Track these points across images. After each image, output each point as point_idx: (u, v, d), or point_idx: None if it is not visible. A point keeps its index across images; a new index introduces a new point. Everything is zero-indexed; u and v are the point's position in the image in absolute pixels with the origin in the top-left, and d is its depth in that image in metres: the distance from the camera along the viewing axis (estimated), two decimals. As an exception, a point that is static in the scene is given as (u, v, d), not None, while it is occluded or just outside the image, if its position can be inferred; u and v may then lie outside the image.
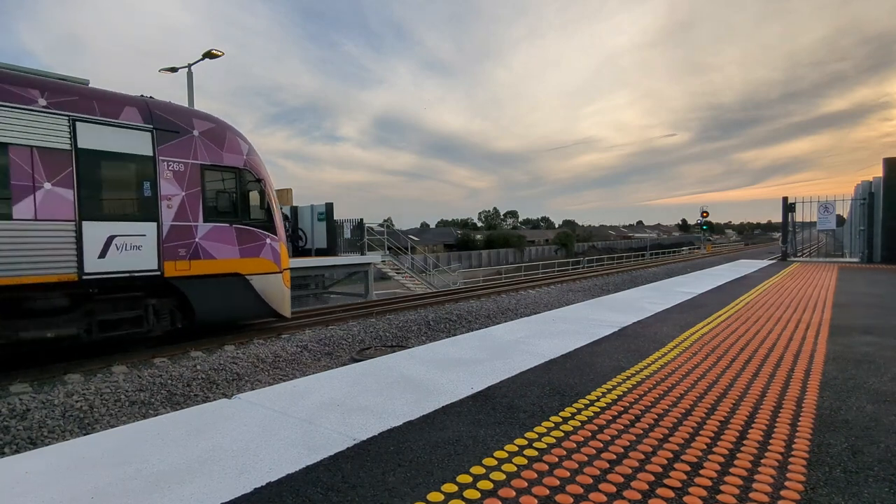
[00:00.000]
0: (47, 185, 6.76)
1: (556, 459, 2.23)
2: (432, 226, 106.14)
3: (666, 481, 2.01)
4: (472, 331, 6.59)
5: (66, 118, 6.97)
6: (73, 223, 6.99)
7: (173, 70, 17.86)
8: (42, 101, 6.79)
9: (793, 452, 2.25)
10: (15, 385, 6.59)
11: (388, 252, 20.60)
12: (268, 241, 9.22)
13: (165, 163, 7.91)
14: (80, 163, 7.07)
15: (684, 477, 2.04)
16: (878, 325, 5.24)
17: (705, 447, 2.32)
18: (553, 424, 2.62)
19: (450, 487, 1.99)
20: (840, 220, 17.97)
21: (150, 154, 7.77)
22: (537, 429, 2.56)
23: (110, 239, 7.33)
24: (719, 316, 5.88)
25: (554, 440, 2.43)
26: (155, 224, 7.77)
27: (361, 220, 19.89)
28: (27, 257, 6.59)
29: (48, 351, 7.49)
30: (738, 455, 2.24)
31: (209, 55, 17.02)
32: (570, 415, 2.76)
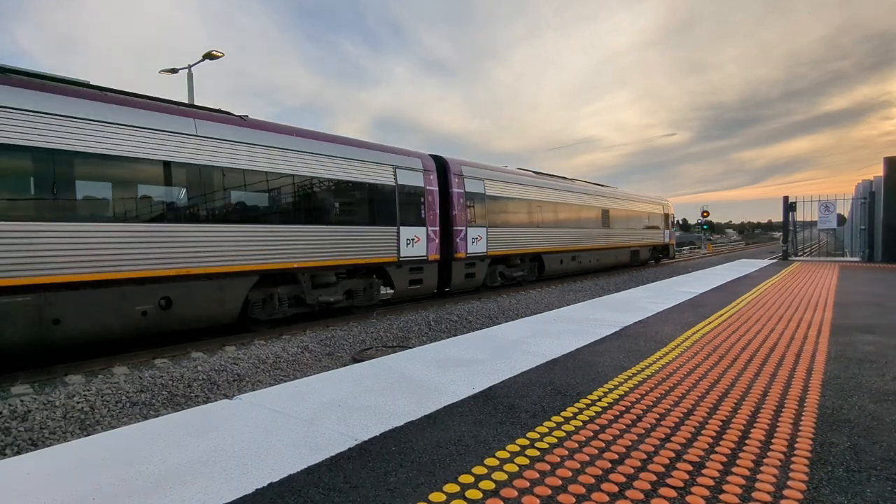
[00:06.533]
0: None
1: (558, 459, 2.22)
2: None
3: (668, 481, 2.01)
4: (473, 331, 6.58)
5: (599, 202, 21.08)
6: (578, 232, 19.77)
7: (173, 71, 17.86)
8: (595, 192, 21.22)
9: (795, 452, 2.25)
10: (16, 386, 6.59)
11: None
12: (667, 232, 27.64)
13: (664, 216, 27.15)
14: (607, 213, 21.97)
15: (686, 477, 2.04)
16: (880, 325, 5.23)
17: (707, 447, 2.32)
18: (555, 424, 2.61)
19: (452, 487, 1.99)
20: (841, 220, 17.98)
21: (663, 215, 27.18)
22: (539, 428, 2.56)
23: (641, 231, 24.50)
24: (720, 315, 5.88)
25: (556, 440, 2.42)
26: (663, 232, 26.88)
27: None
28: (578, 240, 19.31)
29: (51, 351, 7.52)
30: (741, 455, 2.23)
31: (209, 56, 16.99)
32: (571, 414, 2.75)
